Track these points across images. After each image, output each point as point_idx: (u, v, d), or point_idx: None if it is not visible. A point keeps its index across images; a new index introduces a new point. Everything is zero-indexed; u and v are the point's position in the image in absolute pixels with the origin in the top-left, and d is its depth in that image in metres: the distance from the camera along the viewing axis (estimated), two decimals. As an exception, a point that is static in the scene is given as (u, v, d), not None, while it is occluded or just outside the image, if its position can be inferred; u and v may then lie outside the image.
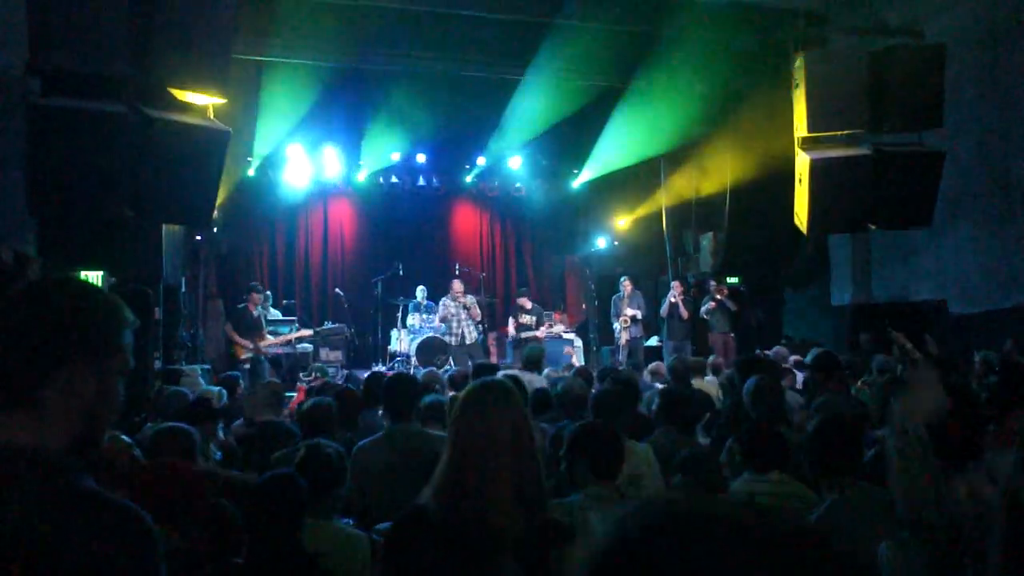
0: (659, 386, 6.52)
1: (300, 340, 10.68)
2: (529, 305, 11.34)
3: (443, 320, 11.26)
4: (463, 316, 11.19)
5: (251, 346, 9.47)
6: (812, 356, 5.53)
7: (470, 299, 11.36)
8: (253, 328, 9.58)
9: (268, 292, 11.71)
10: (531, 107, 11.88)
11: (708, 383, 6.88)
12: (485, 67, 10.92)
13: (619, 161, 12.53)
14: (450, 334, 11.20)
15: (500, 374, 6.18)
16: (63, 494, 1.12)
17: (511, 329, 11.26)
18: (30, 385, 1.16)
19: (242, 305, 9.86)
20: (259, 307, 9.86)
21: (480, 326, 11.97)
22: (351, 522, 3.12)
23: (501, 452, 1.97)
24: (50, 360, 1.17)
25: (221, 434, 4.67)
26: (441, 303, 11.43)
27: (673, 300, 11.21)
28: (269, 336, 9.89)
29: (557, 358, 11.18)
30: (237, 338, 9.50)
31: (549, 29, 9.85)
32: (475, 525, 1.90)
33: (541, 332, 11.26)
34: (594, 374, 6.77)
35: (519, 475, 1.98)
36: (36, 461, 1.12)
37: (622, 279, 11.76)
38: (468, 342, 11.17)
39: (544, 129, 12.36)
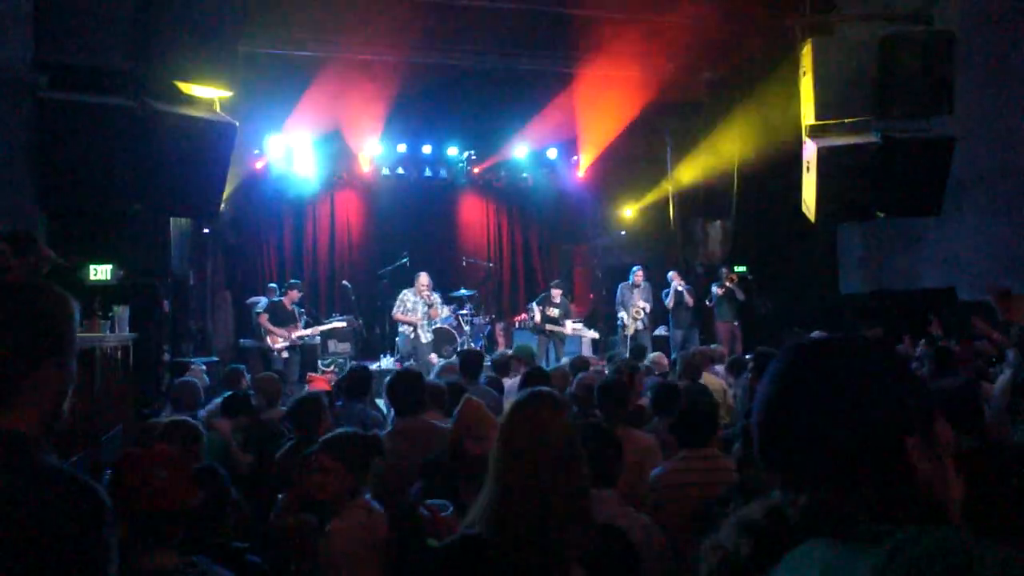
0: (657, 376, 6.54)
1: (333, 330, 11.35)
2: (559, 299, 11.16)
3: (401, 312, 10.23)
4: (421, 313, 10.19)
5: (286, 335, 9.96)
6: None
7: (435, 297, 10.45)
8: (288, 320, 10.14)
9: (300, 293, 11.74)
10: (534, 95, 11.87)
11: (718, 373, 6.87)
12: (490, 57, 10.90)
13: (623, 141, 12.46)
14: (408, 328, 10.24)
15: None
16: (27, 470, 1.24)
17: (537, 317, 11.02)
18: (10, 387, 1.29)
19: (278, 298, 10.44)
20: (294, 303, 10.35)
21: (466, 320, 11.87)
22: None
23: (555, 466, 1.87)
24: (30, 364, 1.31)
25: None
26: (400, 299, 10.29)
27: (678, 288, 11.17)
28: (301, 328, 10.35)
29: (574, 352, 11.16)
30: (272, 328, 9.94)
31: (552, 17, 9.82)
32: (535, 548, 1.80)
33: (568, 328, 11.12)
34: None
35: (573, 488, 1.88)
36: (7, 442, 1.25)
37: (635, 268, 11.64)
38: (423, 341, 10.22)
39: (549, 117, 12.35)
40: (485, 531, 1.88)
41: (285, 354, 9.94)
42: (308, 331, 10.46)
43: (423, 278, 10.33)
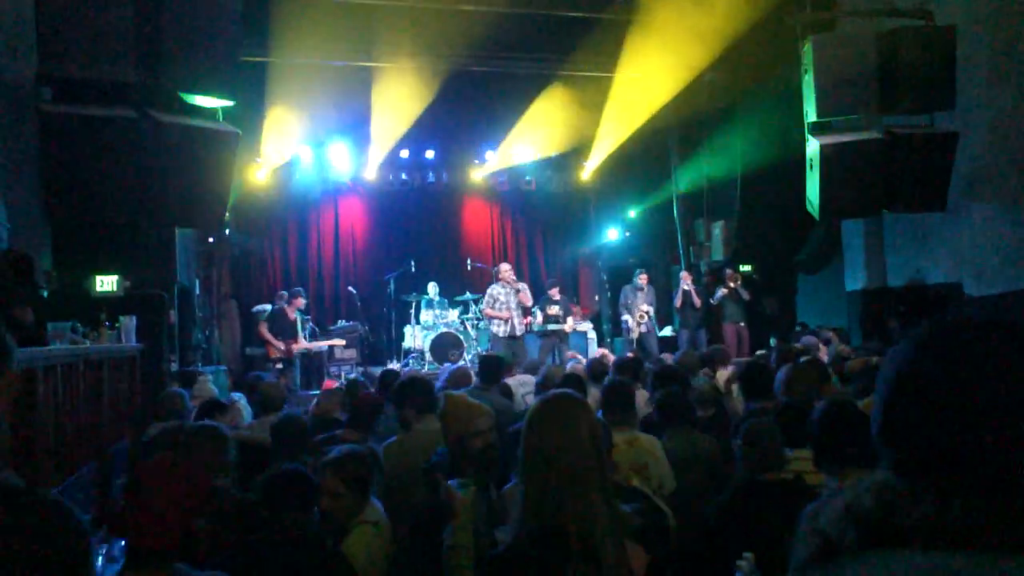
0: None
1: (333, 347, 11.00)
2: (558, 296, 11.10)
3: (492, 307, 10.23)
4: (514, 304, 10.17)
5: (283, 347, 9.71)
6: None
7: (522, 284, 10.40)
8: (288, 330, 9.88)
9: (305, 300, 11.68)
10: (537, 99, 11.89)
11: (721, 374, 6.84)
12: (493, 62, 10.91)
13: (625, 143, 12.44)
14: (499, 323, 10.19)
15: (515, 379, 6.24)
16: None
17: (540, 319, 10.98)
18: None
19: (279, 307, 10.14)
20: (297, 311, 10.07)
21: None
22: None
23: (589, 464, 1.90)
24: None
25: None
26: (489, 293, 10.42)
27: (686, 288, 11.18)
28: (303, 340, 10.16)
29: (578, 351, 11.14)
30: (270, 338, 9.75)
31: (556, 20, 9.84)
32: (582, 545, 1.82)
33: (568, 326, 11.03)
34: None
35: (605, 483, 1.92)
36: None
37: (638, 271, 11.60)
38: (518, 333, 10.18)
39: (552, 121, 12.36)
40: (527, 536, 1.87)
41: (279, 365, 9.61)
42: (309, 345, 10.26)
43: (505, 267, 10.44)
